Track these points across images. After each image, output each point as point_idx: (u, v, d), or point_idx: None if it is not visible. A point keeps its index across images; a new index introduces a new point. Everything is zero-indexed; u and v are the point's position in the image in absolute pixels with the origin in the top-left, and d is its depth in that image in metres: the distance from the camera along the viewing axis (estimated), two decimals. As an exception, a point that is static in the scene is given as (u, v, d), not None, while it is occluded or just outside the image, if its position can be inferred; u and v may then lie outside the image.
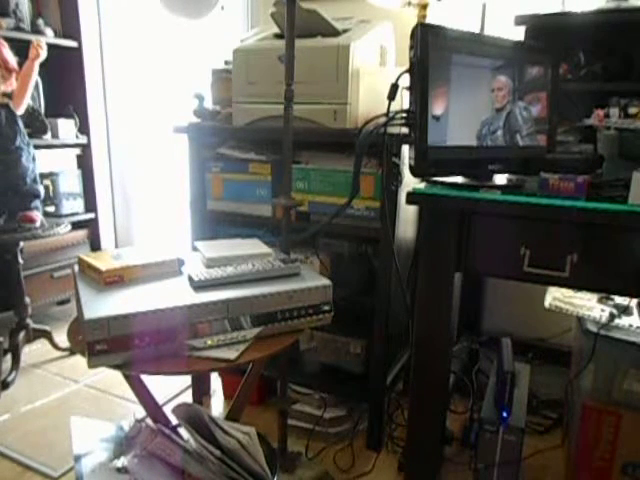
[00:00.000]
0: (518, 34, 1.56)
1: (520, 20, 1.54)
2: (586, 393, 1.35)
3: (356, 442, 1.64)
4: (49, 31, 2.51)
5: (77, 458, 1.03)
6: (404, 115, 1.11)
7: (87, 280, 1.10)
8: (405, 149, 1.43)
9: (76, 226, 2.58)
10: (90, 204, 2.79)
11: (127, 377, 1.03)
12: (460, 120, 1.09)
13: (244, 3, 2.29)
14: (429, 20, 1.69)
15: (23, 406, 1.84)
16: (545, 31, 1.52)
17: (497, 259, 1.10)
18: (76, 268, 1.16)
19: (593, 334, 1.32)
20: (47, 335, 2.23)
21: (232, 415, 1.19)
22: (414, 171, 1.07)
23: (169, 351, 0.95)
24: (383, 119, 1.18)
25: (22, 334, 2.12)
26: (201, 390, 1.77)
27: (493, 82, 1.13)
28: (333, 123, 1.46)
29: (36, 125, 2.45)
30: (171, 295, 1.01)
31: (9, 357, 2.06)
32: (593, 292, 1.55)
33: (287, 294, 1.06)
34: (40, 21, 2.50)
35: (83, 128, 2.69)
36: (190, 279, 1.07)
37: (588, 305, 1.51)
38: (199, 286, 1.05)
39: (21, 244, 2.09)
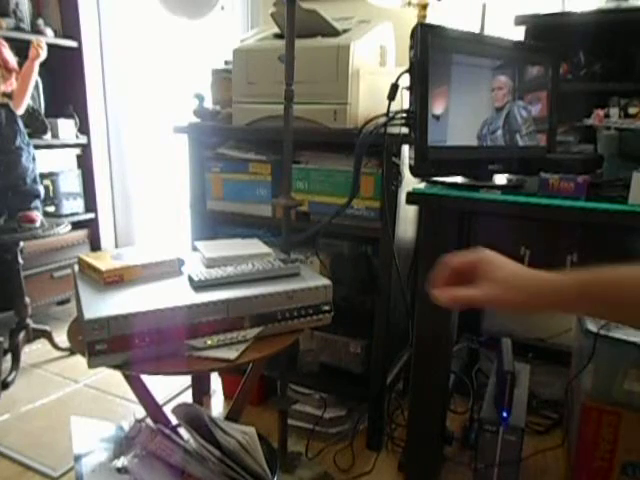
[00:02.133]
0: (518, 34, 1.56)
1: (520, 20, 1.54)
2: (586, 393, 1.35)
3: (356, 442, 1.64)
4: (49, 31, 2.51)
5: (77, 458, 1.03)
6: (404, 115, 1.11)
7: (87, 280, 1.09)
8: (405, 149, 1.43)
9: (76, 226, 2.58)
10: (90, 204, 2.79)
11: (127, 377, 1.03)
12: (460, 120, 1.09)
13: (244, 3, 2.29)
14: (429, 20, 1.69)
15: (23, 406, 1.84)
16: (545, 31, 1.52)
17: (497, 259, 1.10)
18: (76, 268, 1.16)
19: (593, 334, 1.32)
20: (47, 335, 2.23)
21: (232, 415, 1.19)
22: (414, 171, 1.07)
23: (169, 351, 0.95)
24: (383, 119, 1.19)
25: (22, 334, 2.12)
26: (201, 390, 1.77)
27: (493, 82, 1.13)
28: (333, 123, 1.46)
29: (36, 125, 2.45)
30: (171, 295, 1.00)
31: (9, 357, 2.06)
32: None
33: (287, 294, 1.06)
34: (40, 21, 2.50)
35: (83, 128, 2.69)
36: (190, 279, 1.07)
37: (588, 305, 1.50)
38: (199, 286, 1.05)
39: (21, 244, 2.08)
